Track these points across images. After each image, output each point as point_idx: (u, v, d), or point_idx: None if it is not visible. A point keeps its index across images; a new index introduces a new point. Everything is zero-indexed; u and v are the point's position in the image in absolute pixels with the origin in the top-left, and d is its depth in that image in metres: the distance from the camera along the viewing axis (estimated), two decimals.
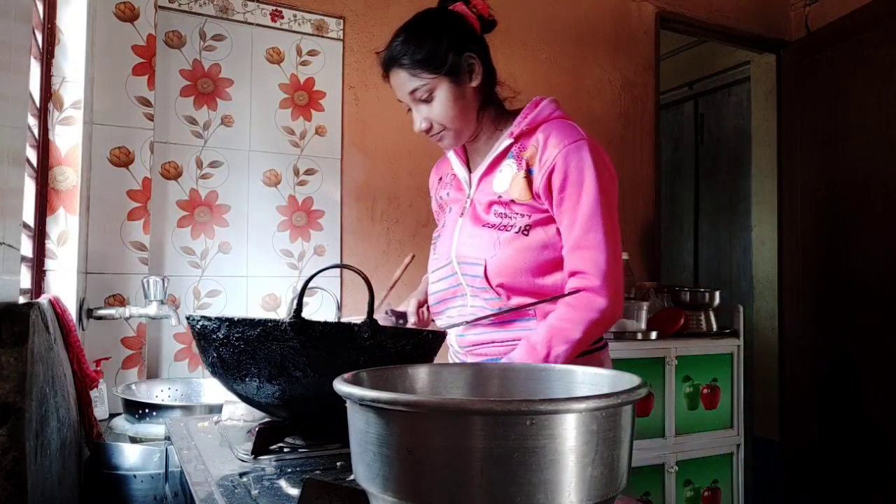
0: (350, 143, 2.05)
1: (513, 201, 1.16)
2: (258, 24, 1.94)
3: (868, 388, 2.43)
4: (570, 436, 0.45)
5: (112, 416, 1.41)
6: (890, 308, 2.36)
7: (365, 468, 0.49)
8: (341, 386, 0.50)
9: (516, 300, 1.16)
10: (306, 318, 0.78)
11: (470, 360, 1.23)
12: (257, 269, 1.91)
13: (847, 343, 2.53)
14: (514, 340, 1.16)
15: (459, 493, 0.44)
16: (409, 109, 1.21)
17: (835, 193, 2.61)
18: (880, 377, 2.38)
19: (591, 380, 0.63)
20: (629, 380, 0.55)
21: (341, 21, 2.05)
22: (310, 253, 1.98)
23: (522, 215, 1.15)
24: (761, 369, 2.93)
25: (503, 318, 1.17)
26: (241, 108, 1.91)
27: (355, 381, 0.55)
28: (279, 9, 1.96)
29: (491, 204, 1.19)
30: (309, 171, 1.99)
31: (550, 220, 1.16)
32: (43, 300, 1.00)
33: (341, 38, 2.04)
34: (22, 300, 0.84)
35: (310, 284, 0.88)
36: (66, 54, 1.49)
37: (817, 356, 2.65)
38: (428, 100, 1.16)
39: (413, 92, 1.16)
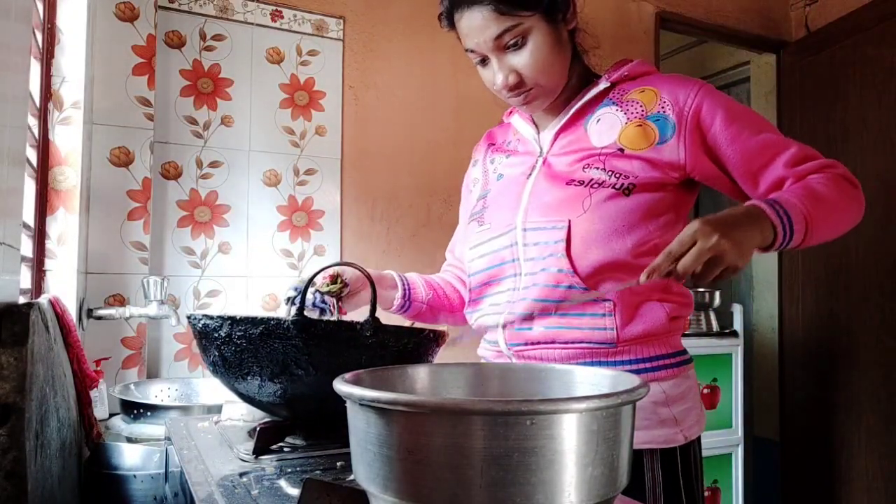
0: (350, 143, 2.05)
1: (621, 151, 0.94)
2: (258, 24, 1.94)
3: (868, 389, 2.43)
4: (570, 436, 0.45)
5: (112, 415, 1.41)
6: (890, 308, 2.36)
7: (365, 468, 0.49)
8: (341, 386, 0.50)
9: (594, 281, 0.91)
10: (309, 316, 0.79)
11: (517, 362, 0.98)
12: (257, 269, 1.91)
13: (847, 343, 2.53)
14: (583, 343, 0.92)
15: (459, 493, 0.44)
16: (482, 61, 0.96)
17: None
18: (880, 377, 2.38)
19: (591, 380, 0.63)
20: (629, 380, 0.55)
21: (341, 21, 2.05)
22: (310, 253, 1.98)
23: (626, 175, 0.92)
24: (761, 369, 2.93)
25: (570, 307, 0.92)
26: (241, 108, 1.91)
27: (355, 382, 0.55)
28: (279, 9, 1.96)
29: (582, 159, 0.96)
30: (309, 171, 1.99)
31: (660, 186, 0.93)
32: (43, 300, 1.00)
33: (341, 38, 2.04)
34: (22, 300, 0.84)
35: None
36: (66, 54, 1.49)
37: (817, 356, 2.65)
38: (518, 46, 0.92)
39: (500, 37, 0.91)
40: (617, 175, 0.93)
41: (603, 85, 1.00)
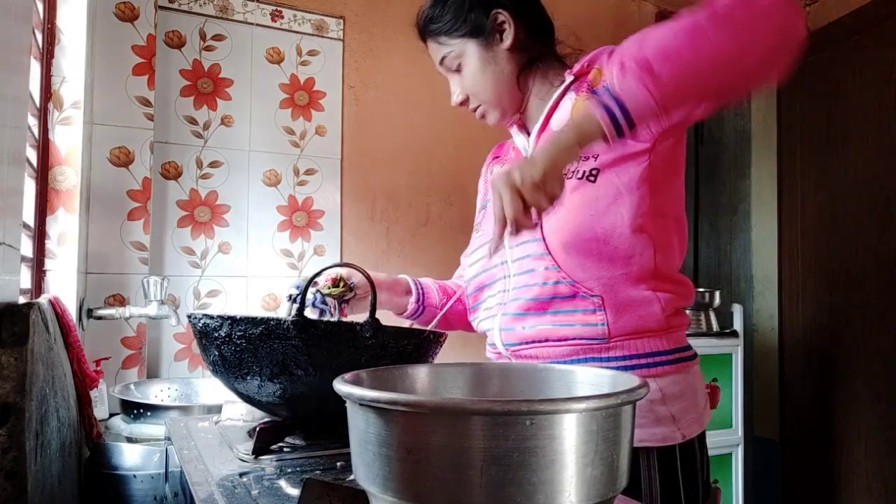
0: (350, 143, 2.05)
1: None
2: (258, 24, 1.94)
3: (868, 389, 2.43)
4: (570, 436, 0.45)
5: (112, 415, 1.41)
6: (890, 308, 2.36)
7: (365, 468, 0.49)
8: (341, 386, 0.50)
9: (580, 275, 0.91)
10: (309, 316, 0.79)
11: (517, 362, 0.97)
12: (257, 269, 1.91)
13: (847, 343, 2.53)
14: (575, 340, 0.92)
15: (459, 493, 0.44)
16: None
17: (834, 193, 2.61)
18: (880, 377, 2.38)
19: (591, 380, 0.63)
20: (629, 380, 0.55)
21: (341, 21, 2.05)
22: (310, 253, 1.98)
23: (586, 156, 0.92)
24: (761, 369, 2.93)
25: (560, 304, 0.92)
26: (241, 108, 1.91)
27: (355, 382, 0.55)
28: (279, 9, 1.96)
29: None
30: (309, 171, 1.99)
31: (626, 160, 0.91)
32: (43, 300, 1.00)
33: (341, 38, 2.04)
34: (22, 300, 0.84)
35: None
36: (66, 54, 1.49)
37: (817, 356, 2.65)
38: (458, 69, 1.05)
39: (443, 61, 1.06)
40: (580, 160, 0.92)
41: (568, 79, 1.03)
